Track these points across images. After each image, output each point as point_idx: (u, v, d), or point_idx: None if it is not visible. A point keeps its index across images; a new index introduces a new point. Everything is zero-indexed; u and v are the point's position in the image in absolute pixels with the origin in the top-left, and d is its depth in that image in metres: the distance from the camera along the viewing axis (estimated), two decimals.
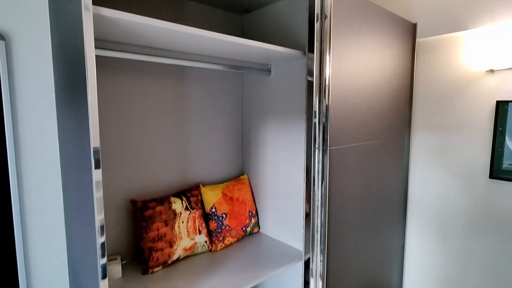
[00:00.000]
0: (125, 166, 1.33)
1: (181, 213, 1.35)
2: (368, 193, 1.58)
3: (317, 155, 1.32)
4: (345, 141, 1.39)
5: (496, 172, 1.64)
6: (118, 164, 1.31)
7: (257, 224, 1.65)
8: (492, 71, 1.60)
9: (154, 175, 1.41)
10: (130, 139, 1.33)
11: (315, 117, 1.31)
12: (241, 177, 1.70)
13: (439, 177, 1.83)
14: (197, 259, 1.38)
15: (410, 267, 1.99)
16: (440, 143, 1.81)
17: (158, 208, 1.30)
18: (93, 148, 0.79)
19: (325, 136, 1.31)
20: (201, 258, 1.39)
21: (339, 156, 1.37)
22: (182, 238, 1.33)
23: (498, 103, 1.60)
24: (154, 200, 1.32)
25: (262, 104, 1.61)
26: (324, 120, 1.30)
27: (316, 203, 1.34)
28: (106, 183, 1.29)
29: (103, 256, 0.84)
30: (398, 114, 1.77)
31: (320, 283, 1.37)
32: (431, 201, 1.87)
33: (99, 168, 0.81)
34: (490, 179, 1.66)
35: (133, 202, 1.29)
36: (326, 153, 1.31)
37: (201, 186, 1.51)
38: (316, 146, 1.32)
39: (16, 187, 1.06)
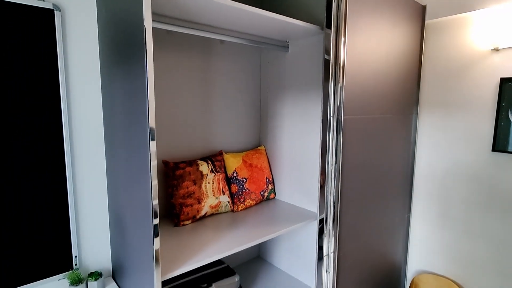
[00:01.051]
0: (159, 131, 1.47)
1: (207, 175, 1.49)
2: (377, 165, 1.71)
3: (332, 123, 1.45)
4: (357, 112, 1.52)
5: (499, 145, 1.75)
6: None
7: (273, 190, 1.79)
8: (497, 49, 1.70)
9: (183, 141, 1.55)
10: (163, 107, 1.47)
11: (331, 90, 1.43)
12: (259, 147, 1.84)
13: (444, 152, 1.95)
14: (221, 217, 1.53)
15: (415, 238, 2.12)
16: (445, 119, 1.93)
17: (188, 169, 1.44)
18: (150, 126, 0.91)
19: (340, 107, 1.43)
20: (225, 216, 1.53)
21: (352, 125, 1.50)
22: (208, 197, 1.47)
23: (502, 80, 1.70)
24: (184, 162, 1.47)
25: (280, 80, 1.73)
26: (339, 92, 1.42)
27: (330, 169, 1.47)
28: None
29: (155, 217, 0.96)
30: (407, 91, 1.88)
31: (332, 240, 1.51)
32: (436, 175, 1.99)
33: (154, 140, 0.93)
34: (493, 152, 1.78)
35: (165, 163, 1.43)
36: (341, 122, 1.44)
37: (223, 153, 1.65)
38: (331, 115, 1.45)
39: (69, 142, 1.21)
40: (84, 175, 1.28)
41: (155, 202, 0.95)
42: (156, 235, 0.96)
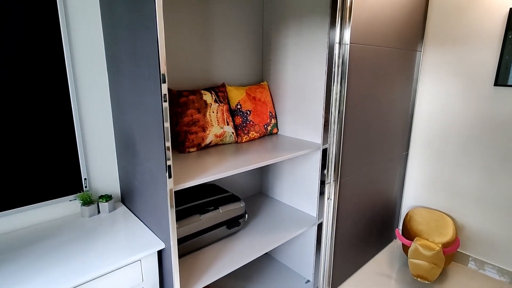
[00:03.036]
0: None
1: (211, 104, 1.48)
2: (380, 99, 1.71)
3: (338, 50, 1.42)
4: (364, 41, 1.49)
5: (502, 79, 1.75)
6: None
7: (276, 125, 1.80)
8: None
9: (184, 71, 1.52)
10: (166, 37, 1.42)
11: (338, 15, 1.38)
12: (261, 83, 1.81)
13: (446, 88, 1.95)
14: (226, 147, 1.55)
15: (411, 175, 2.19)
16: (450, 55, 1.90)
17: (191, 97, 1.43)
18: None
19: (346, 33, 1.40)
20: (229, 146, 1.55)
21: (358, 53, 1.47)
22: (213, 126, 1.48)
23: (511, 10, 1.66)
24: (188, 91, 1.45)
25: (284, 9, 1.66)
26: (347, 17, 1.38)
27: (335, 98, 1.47)
28: None
29: (167, 140, 0.96)
30: (413, 25, 1.83)
31: (333, 169, 1.55)
32: (436, 112, 2.01)
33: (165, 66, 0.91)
34: (495, 87, 1.78)
35: (168, 90, 1.41)
36: (347, 49, 1.41)
37: (226, 85, 1.63)
38: (337, 41, 1.42)
39: (70, 62, 1.17)
40: (88, 96, 1.26)
41: (167, 124, 0.95)
42: (170, 176, 0.97)
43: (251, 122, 1.63)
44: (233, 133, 1.57)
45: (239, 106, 1.61)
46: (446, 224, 1.89)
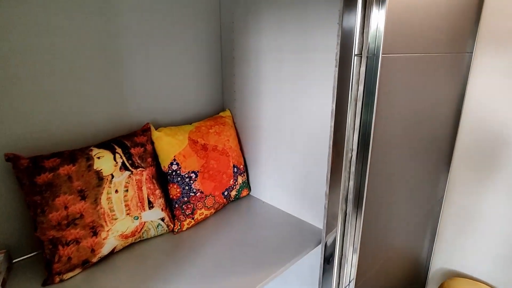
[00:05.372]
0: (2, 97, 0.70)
1: (112, 176, 0.76)
2: (418, 132, 1.01)
3: (358, 66, 0.71)
4: (403, 48, 0.78)
5: None
6: None
7: (247, 184, 1.09)
8: None
9: (60, 111, 0.79)
10: (12, 50, 0.68)
11: (358, 9, 0.67)
12: (221, 114, 1.10)
13: (504, 105, 1.27)
14: (149, 248, 0.83)
15: (445, 228, 1.53)
16: (510, 59, 1.22)
17: (65, 169, 0.70)
18: None
19: (375, 38, 0.69)
20: (156, 246, 0.84)
21: (393, 68, 0.76)
22: (116, 219, 0.76)
23: None
24: (57, 154, 0.72)
25: None
26: (378, 13, 0.67)
27: (350, 147, 0.77)
28: None
29: None
30: (464, 22, 1.13)
31: (351, 266, 0.86)
32: (487, 139, 1.33)
33: None
34: None
35: (12, 159, 0.68)
36: (375, 64, 0.70)
37: (152, 128, 0.90)
38: (356, 52, 0.70)
39: None
40: None
41: None
42: None
43: (197, 194, 0.92)
44: (163, 219, 0.86)
45: (175, 167, 0.90)
46: None
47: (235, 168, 1.03)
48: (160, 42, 0.94)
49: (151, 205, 0.83)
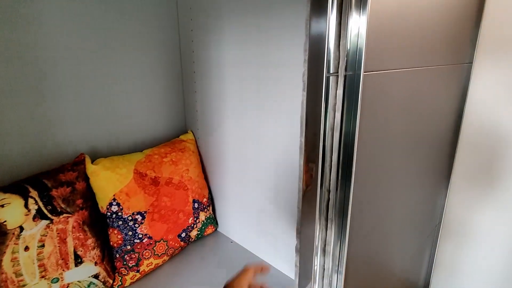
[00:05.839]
0: None
1: (21, 229, 0.59)
2: (407, 156, 0.85)
3: (332, 86, 0.56)
4: (390, 63, 0.62)
5: None
6: None
7: (213, 219, 0.92)
8: None
9: None
10: None
11: (332, 17, 0.51)
12: (181, 137, 0.93)
13: (507, 119, 1.12)
14: None
15: (444, 253, 1.37)
16: None
17: None
18: None
19: (354, 53, 0.53)
20: None
21: (376, 87, 0.60)
22: (25, 285, 0.59)
23: None
24: None
25: (215, 2, 0.78)
26: (359, 20, 0.51)
27: (327, 178, 0.61)
28: None
29: None
30: (462, 31, 0.98)
31: None
32: (486, 157, 1.18)
33: None
34: None
35: None
36: (356, 83, 0.54)
37: (87, 160, 0.73)
38: (331, 71, 0.54)
39: None
40: None
41: None
42: None
43: (144, 240, 0.75)
44: (98, 275, 0.69)
45: (115, 208, 0.73)
46: None
47: (196, 204, 0.86)
48: (101, 54, 0.77)
49: (79, 261, 0.66)
